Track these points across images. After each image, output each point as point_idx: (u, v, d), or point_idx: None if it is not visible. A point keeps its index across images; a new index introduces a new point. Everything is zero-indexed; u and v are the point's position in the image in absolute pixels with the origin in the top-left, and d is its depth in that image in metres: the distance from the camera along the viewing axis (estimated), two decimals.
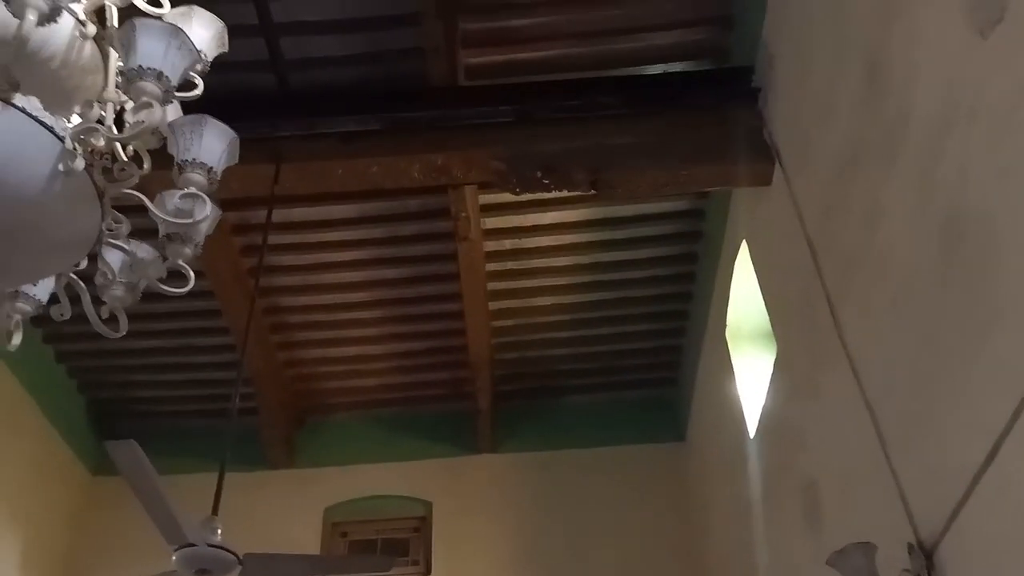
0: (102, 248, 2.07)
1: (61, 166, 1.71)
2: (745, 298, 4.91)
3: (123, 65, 1.88)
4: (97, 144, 1.83)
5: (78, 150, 1.74)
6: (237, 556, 3.42)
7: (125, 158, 2.03)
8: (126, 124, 1.94)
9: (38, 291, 2.14)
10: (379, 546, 6.30)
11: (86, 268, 2.13)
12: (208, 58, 2.11)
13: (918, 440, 2.87)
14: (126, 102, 1.97)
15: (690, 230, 5.56)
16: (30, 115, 1.69)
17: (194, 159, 1.97)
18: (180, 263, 2.05)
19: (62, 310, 2.17)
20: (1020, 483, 2.30)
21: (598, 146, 4.36)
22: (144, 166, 2.07)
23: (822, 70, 3.67)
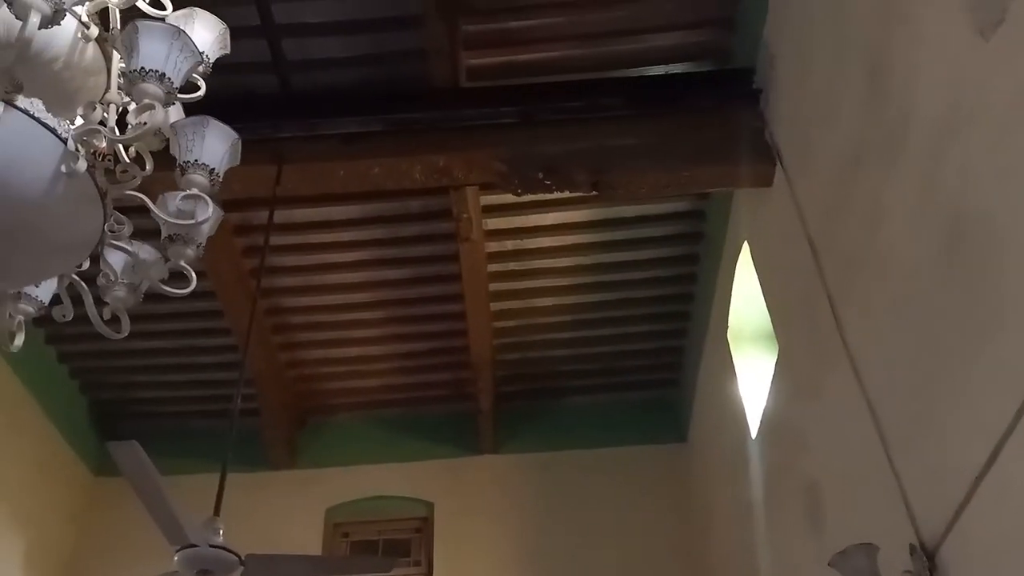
0: (104, 249, 2.08)
1: (64, 167, 1.72)
2: (746, 299, 4.91)
3: (125, 67, 1.89)
4: (99, 145, 1.84)
5: (81, 151, 1.74)
6: (239, 557, 3.42)
7: (127, 159, 2.04)
8: (128, 125, 1.96)
9: (40, 292, 2.15)
10: (381, 547, 6.30)
11: (88, 269, 2.14)
12: (210, 59, 2.12)
13: (920, 441, 2.87)
14: (128, 104, 1.98)
15: (691, 231, 5.56)
16: (33, 117, 1.70)
17: (196, 160, 1.97)
18: (182, 264, 2.05)
19: (64, 311, 2.17)
20: (1022, 484, 2.30)
21: (599, 147, 4.36)
22: (146, 167, 2.08)
23: (823, 71, 3.67)
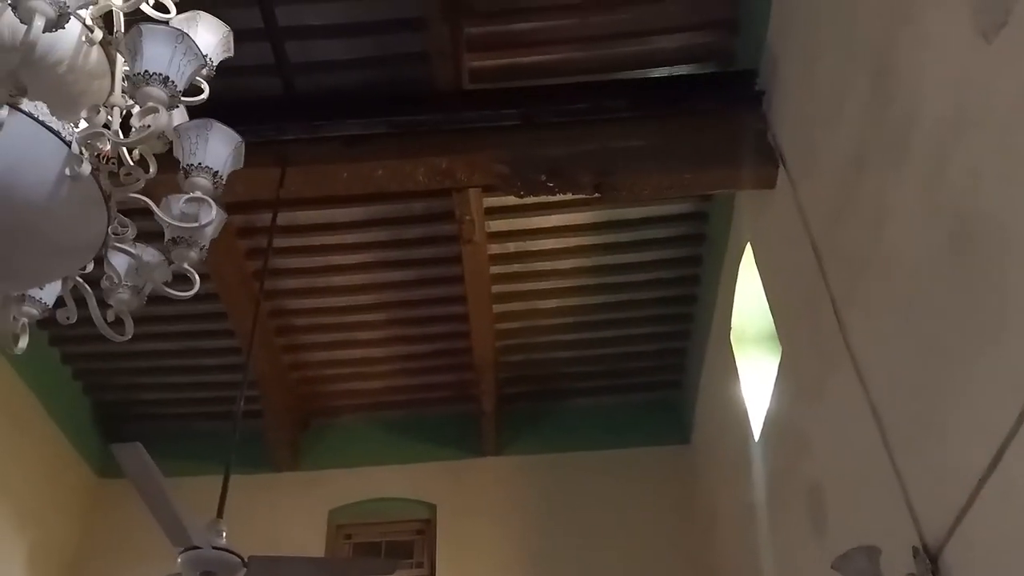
0: (108, 252, 2.08)
1: (68, 170, 1.72)
2: (749, 301, 4.91)
3: (129, 70, 1.89)
4: (103, 148, 1.85)
5: (85, 154, 1.75)
6: (242, 558, 3.42)
7: (131, 162, 2.04)
8: (132, 128, 1.96)
9: (44, 294, 2.15)
10: (383, 548, 6.30)
11: (92, 271, 2.14)
12: (214, 62, 2.12)
13: (923, 443, 2.86)
14: (132, 107, 1.98)
15: (694, 233, 5.56)
16: (37, 120, 1.71)
17: (200, 163, 1.97)
18: (186, 266, 2.05)
19: (68, 313, 2.18)
20: None
21: (602, 149, 4.36)
22: (150, 170, 2.08)
23: (827, 73, 3.67)
